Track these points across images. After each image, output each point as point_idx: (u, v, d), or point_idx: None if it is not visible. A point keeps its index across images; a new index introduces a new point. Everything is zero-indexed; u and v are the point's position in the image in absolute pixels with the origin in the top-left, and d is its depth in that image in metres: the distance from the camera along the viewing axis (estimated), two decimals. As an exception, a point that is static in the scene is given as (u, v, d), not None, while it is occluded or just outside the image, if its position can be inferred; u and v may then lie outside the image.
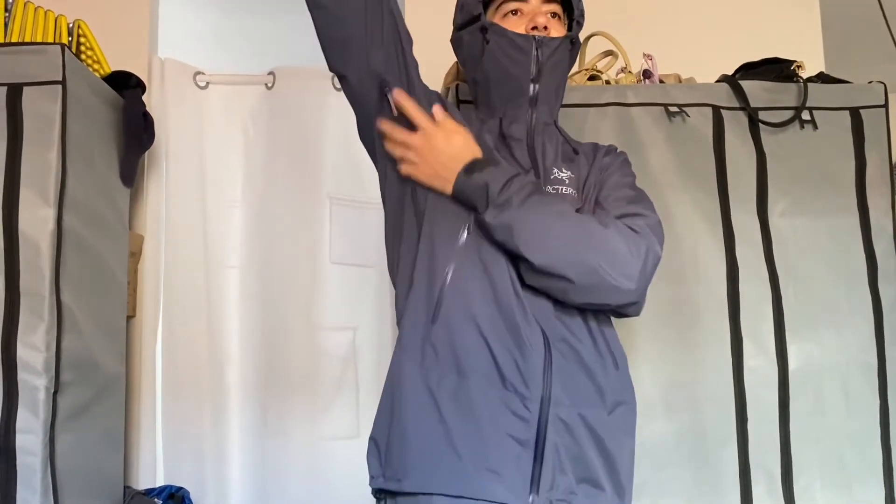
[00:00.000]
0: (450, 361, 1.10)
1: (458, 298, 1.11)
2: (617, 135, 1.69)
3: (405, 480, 1.08)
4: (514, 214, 1.10)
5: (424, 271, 1.15)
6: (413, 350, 1.12)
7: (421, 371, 1.11)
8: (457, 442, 1.07)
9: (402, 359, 1.13)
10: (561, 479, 1.09)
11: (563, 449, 1.09)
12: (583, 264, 1.09)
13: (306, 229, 2.05)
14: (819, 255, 1.70)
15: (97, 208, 1.63)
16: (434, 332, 1.11)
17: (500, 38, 1.21)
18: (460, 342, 1.10)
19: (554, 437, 1.08)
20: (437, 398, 1.09)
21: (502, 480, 1.06)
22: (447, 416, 1.08)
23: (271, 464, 1.97)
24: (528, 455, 1.07)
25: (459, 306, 1.11)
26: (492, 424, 1.07)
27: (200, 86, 2.10)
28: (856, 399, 1.65)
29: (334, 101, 2.09)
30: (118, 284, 1.75)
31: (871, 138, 1.75)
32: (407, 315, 1.15)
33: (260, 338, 2.03)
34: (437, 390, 1.09)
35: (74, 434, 1.49)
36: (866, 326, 1.68)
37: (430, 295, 1.13)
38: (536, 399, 1.08)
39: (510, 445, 1.07)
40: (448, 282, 1.12)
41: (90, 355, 1.56)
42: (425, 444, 1.08)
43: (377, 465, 1.13)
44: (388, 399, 1.14)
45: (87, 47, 1.70)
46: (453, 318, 1.11)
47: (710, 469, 1.60)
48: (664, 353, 1.63)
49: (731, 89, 1.75)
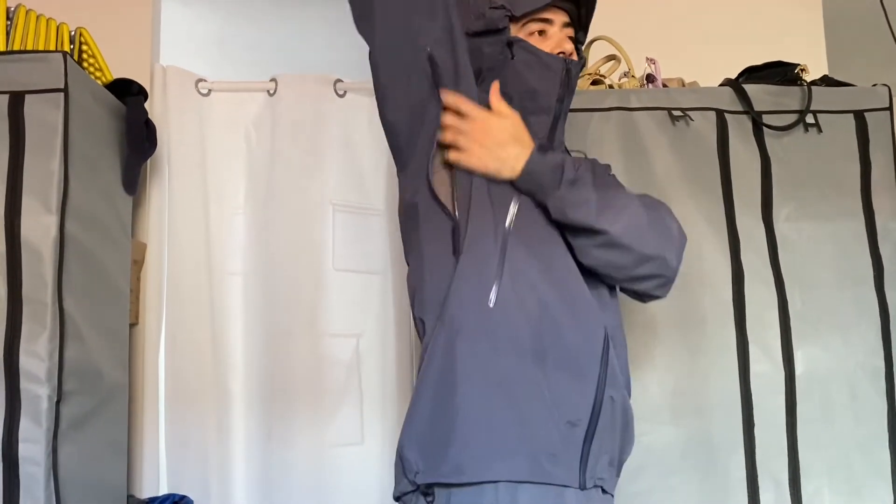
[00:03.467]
0: (508, 345, 1.09)
1: (517, 282, 1.11)
2: (620, 139, 1.69)
3: (468, 470, 1.06)
4: (591, 190, 1.14)
5: (476, 254, 1.13)
6: (468, 333, 1.10)
7: (478, 355, 1.09)
8: (515, 427, 1.07)
9: (454, 343, 1.10)
10: (602, 459, 1.12)
11: (607, 428, 1.12)
12: (650, 239, 1.16)
13: (309, 236, 2.04)
14: (825, 260, 1.69)
15: (100, 216, 1.62)
16: (492, 316, 1.10)
17: (530, 55, 1.21)
18: (519, 326, 1.10)
19: (604, 418, 1.11)
20: (498, 383, 1.08)
21: (559, 463, 1.07)
22: (511, 401, 1.08)
23: (275, 471, 1.95)
24: (580, 436, 1.09)
25: (519, 290, 1.11)
26: (554, 408, 1.08)
27: (202, 93, 2.09)
28: (863, 403, 1.65)
29: (337, 108, 2.08)
30: (121, 292, 1.74)
31: (876, 141, 1.75)
32: (457, 298, 1.11)
33: (263, 345, 2.02)
34: (499, 372, 1.08)
35: (77, 443, 1.48)
36: (873, 330, 1.68)
37: (485, 277, 1.11)
38: (594, 382, 1.11)
39: (564, 428, 1.08)
40: (504, 267, 1.11)
41: (93, 364, 1.56)
42: (488, 431, 1.07)
43: (420, 459, 1.09)
44: (434, 386, 1.10)
45: (88, 55, 1.70)
46: (512, 301, 1.10)
47: (717, 476, 1.59)
48: (670, 359, 1.63)
49: (734, 93, 1.75)
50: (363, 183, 2.08)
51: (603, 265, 1.17)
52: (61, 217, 1.45)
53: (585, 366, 1.11)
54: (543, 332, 1.10)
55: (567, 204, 1.13)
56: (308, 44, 2.35)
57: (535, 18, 1.23)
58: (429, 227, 1.19)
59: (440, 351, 1.11)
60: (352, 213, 2.08)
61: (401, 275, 2.08)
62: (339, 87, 2.10)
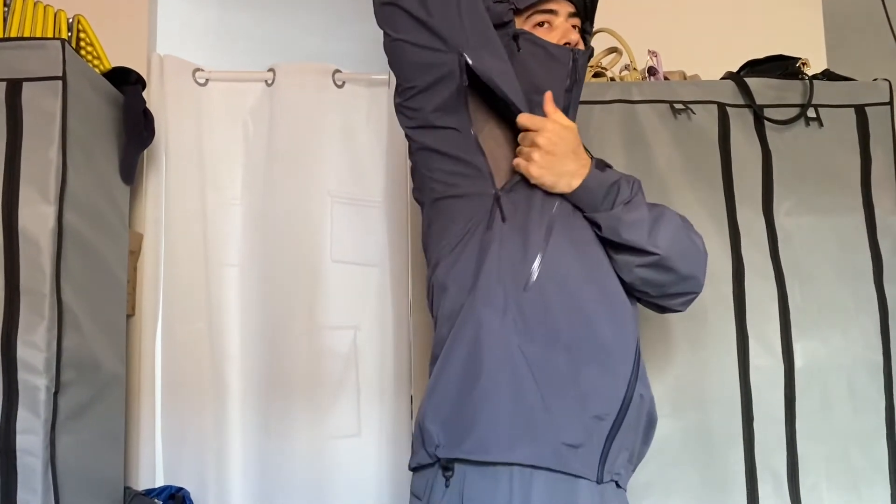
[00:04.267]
0: (541, 331, 1.09)
1: (557, 270, 1.11)
2: (622, 132, 1.69)
3: (493, 449, 1.05)
4: (645, 211, 1.15)
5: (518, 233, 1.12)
6: (499, 308, 1.09)
7: (508, 331, 1.08)
8: (540, 414, 1.06)
9: (483, 314, 1.08)
10: (622, 455, 1.12)
11: (631, 428, 1.13)
12: (689, 259, 1.19)
13: (307, 227, 2.03)
14: (825, 254, 1.69)
15: (98, 206, 1.61)
16: (527, 298, 1.09)
17: (536, 47, 1.21)
18: (555, 314, 1.10)
19: (630, 415, 1.11)
20: (528, 368, 1.07)
21: (578, 453, 1.07)
22: (533, 387, 1.07)
23: (272, 463, 1.95)
24: (604, 430, 1.09)
25: (557, 278, 1.11)
26: (580, 399, 1.08)
27: (200, 82, 2.07)
28: (862, 398, 1.65)
29: (335, 98, 2.07)
30: (118, 283, 1.73)
31: (877, 136, 1.75)
32: (492, 273, 1.10)
33: (261, 337, 2.01)
34: (530, 356, 1.08)
35: (75, 434, 1.47)
36: (872, 325, 1.68)
37: (526, 257, 1.11)
38: (625, 379, 1.11)
39: (589, 420, 1.08)
40: (547, 251, 1.11)
41: (91, 354, 1.54)
42: (514, 414, 1.06)
43: (442, 433, 1.08)
44: (462, 362, 1.09)
45: (86, 43, 1.68)
46: (549, 288, 1.10)
47: (716, 469, 1.59)
48: (670, 353, 1.63)
49: (736, 86, 1.74)
50: (361, 174, 2.07)
51: (643, 283, 1.18)
52: (59, 207, 1.43)
53: (618, 363, 1.11)
54: (578, 324, 1.10)
55: (622, 224, 1.14)
56: (306, 33, 2.33)
57: (539, 10, 1.23)
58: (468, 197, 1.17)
59: (470, 325, 1.10)
60: (350, 204, 2.07)
61: (399, 267, 2.07)
62: (337, 78, 2.08)
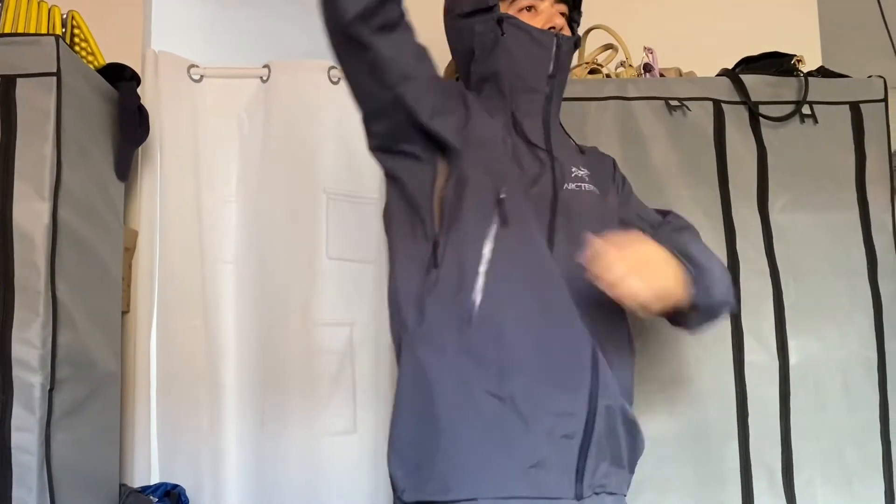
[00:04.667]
0: (490, 361, 1.06)
1: (497, 297, 1.08)
2: (618, 128, 1.69)
3: (451, 489, 1.03)
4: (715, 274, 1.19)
5: (453, 266, 1.10)
6: (445, 349, 1.07)
7: (457, 371, 1.06)
8: (502, 444, 1.04)
9: (431, 360, 1.07)
10: (601, 466, 1.10)
11: (605, 436, 1.10)
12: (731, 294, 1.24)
13: (302, 224, 2.03)
14: (819, 250, 1.70)
15: (92, 202, 1.60)
16: (472, 332, 1.07)
17: (520, 32, 1.20)
18: (504, 341, 1.07)
19: (599, 427, 1.08)
20: (479, 399, 1.05)
21: (550, 476, 1.05)
22: (490, 419, 1.05)
23: (268, 460, 1.95)
24: (574, 448, 1.07)
25: (500, 305, 1.07)
26: (540, 421, 1.05)
27: (195, 79, 2.07)
28: (856, 394, 1.66)
29: (331, 95, 2.06)
30: (113, 280, 1.73)
31: (871, 133, 1.76)
32: (432, 313, 1.09)
33: (256, 333, 2.00)
34: (479, 391, 1.05)
35: (70, 432, 1.47)
36: (866, 321, 1.69)
37: (463, 291, 1.08)
38: (585, 392, 1.07)
39: (557, 441, 1.06)
40: (484, 279, 1.08)
41: (86, 352, 1.54)
42: (471, 449, 1.04)
43: (406, 478, 1.08)
44: (415, 403, 1.08)
45: (81, 38, 1.67)
46: (493, 315, 1.07)
47: (711, 465, 1.60)
48: (665, 350, 1.63)
49: (731, 83, 1.75)
50: (357, 171, 2.06)
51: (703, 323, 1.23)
52: (54, 203, 1.43)
53: (574, 378, 1.08)
54: (527, 348, 1.07)
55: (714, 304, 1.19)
56: (302, 30, 2.31)
57: None
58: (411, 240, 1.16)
59: (417, 371, 1.08)
60: (346, 201, 2.07)
61: (395, 264, 2.07)
62: (333, 74, 2.07)
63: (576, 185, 1.21)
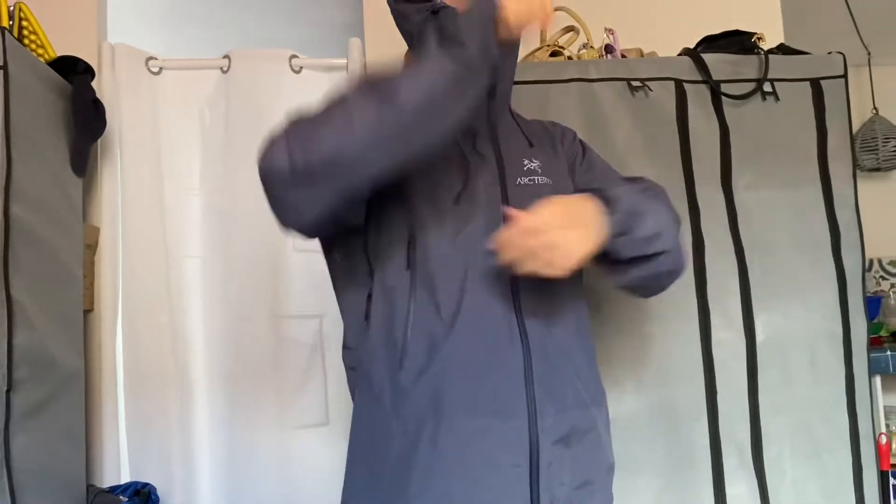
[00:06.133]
0: (424, 403, 1.04)
1: (423, 335, 1.05)
2: (580, 111, 1.68)
3: None
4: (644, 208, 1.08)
5: (380, 312, 1.08)
6: (383, 398, 1.06)
7: (400, 421, 1.04)
8: (448, 486, 1.02)
9: (373, 413, 1.06)
10: (559, 491, 1.06)
11: (557, 461, 1.06)
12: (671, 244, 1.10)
13: (267, 216, 1.95)
14: (783, 227, 1.71)
15: (48, 199, 1.57)
16: (402, 377, 1.05)
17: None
18: (432, 380, 1.04)
19: (547, 453, 1.04)
20: (420, 446, 1.03)
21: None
22: (433, 463, 1.02)
23: (240, 455, 1.93)
24: (524, 476, 1.03)
25: (425, 343, 1.05)
26: (481, 455, 1.02)
27: (153, 71, 2.03)
28: (822, 368, 1.67)
29: (293, 84, 2.04)
30: (73, 277, 1.69)
31: (832, 108, 1.76)
32: (368, 361, 1.09)
33: (224, 328, 1.98)
34: (420, 438, 1.03)
35: (31, 433, 1.44)
36: (831, 296, 1.70)
37: (392, 338, 1.06)
38: (524, 419, 1.04)
39: (505, 472, 1.03)
40: (410, 321, 1.05)
41: (45, 351, 1.51)
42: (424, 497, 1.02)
43: None
44: (362, 455, 1.08)
45: (30, 31, 1.63)
46: (421, 357, 1.04)
47: (681, 444, 1.60)
48: (632, 329, 1.63)
49: (692, 63, 1.74)
50: (322, 161, 2.04)
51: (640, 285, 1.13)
52: (6, 200, 1.40)
53: (510, 403, 1.04)
54: (460, 382, 1.04)
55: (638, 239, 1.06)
56: (262, 20, 2.29)
57: None
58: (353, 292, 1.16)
59: (366, 418, 1.08)
60: (311, 191, 2.04)
61: (363, 253, 2.05)
62: (294, 63, 2.05)
63: (528, 178, 1.17)
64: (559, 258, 0.97)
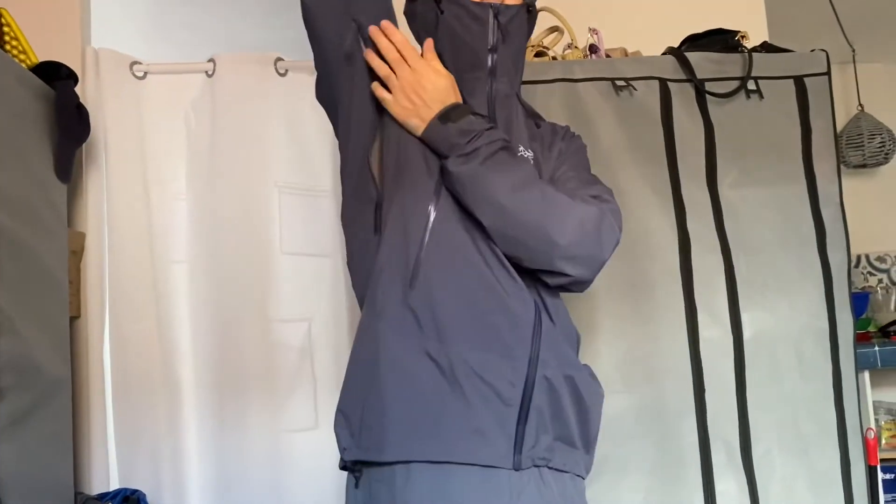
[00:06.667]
0: (431, 325, 1.07)
1: (439, 261, 1.08)
2: (565, 111, 1.69)
3: (386, 449, 1.04)
4: (475, 168, 1.08)
5: (398, 231, 1.11)
6: (390, 315, 1.09)
7: (400, 337, 1.07)
8: (439, 407, 1.04)
9: (377, 326, 1.09)
10: (543, 438, 1.08)
11: (546, 408, 1.09)
12: (541, 232, 1.07)
13: (255, 220, 2.00)
14: (768, 224, 1.72)
15: (31, 205, 1.56)
16: (413, 297, 1.08)
17: (456, 7, 1.18)
18: (443, 307, 1.07)
19: (539, 398, 1.07)
20: (418, 364, 1.06)
21: (487, 442, 1.04)
22: (429, 382, 1.05)
23: (229, 460, 1.92)
24: (512, 415, 1.06)
25: (441, 269, 1.08)
26: (476, 387, 1.05)
27: (138, 76, 2.02)
28: (809, 364, 1.68)
29: (278, 87, 2.03)
30: (58, 284, 1.68)
31: (816, 106, 1.77)
32: (379, 278, 1.11)
33: (212, 333, 1.97)
34: (419, 353, 1.06)
35: (17, 442, 1.43)
36: (816, 292, 1.71)
37: (407, 257, 1.09)
38: (524, 361, 1.07)
39: (495, 407, 1.05)
40: (426, 243, 1.09)
41: (30, 358, 1.50)
42: (405, 411, 1.05)
43: (348, 437, 1.09)
44: (361, 367, 1.10)
45: (11, 37, 1.62)
46: (434, 281, 1.08)
47: (670, 442, 1.61)
48: (620, 328, 1.64)
49: (677, 61, 1.75)
50: (309, 163, 2.04)
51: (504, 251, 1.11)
52: (-12, 207, 1.38)
53: (513, 346, 1.07)
54: (466, 314, 1.07)
55: (453, 176, 1.09)
56: (247, 23, 2.28)
57: None
58: (356, 202, 1.17)
59: (366, 333, 1.11)
60: (298, 194, 2.04)
61: (351, 256, 2.05)
62: (280, 66, 2.04)
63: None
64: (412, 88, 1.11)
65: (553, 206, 1.09)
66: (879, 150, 3.34)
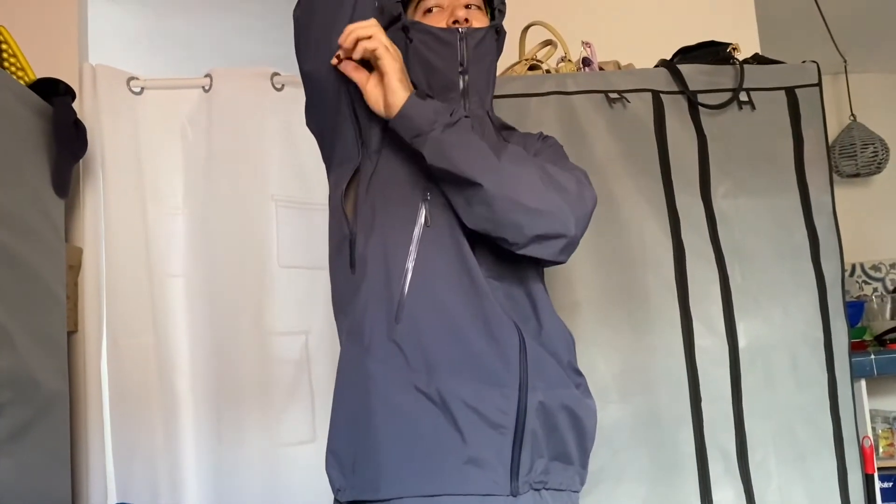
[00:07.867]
0: (419, 359, 1.06)
1: (423, 292, 1.08)
2: (559, 124, 1.70)
3: (381, 487, 1.03)
4: (466, 135, 1.09)
5: (380, 264, 1.11)
6: (377, 351, 1.08)
7: (388, 373, 1.06)
8: (432, 440, 1.04)
9: (365, 362, 1.08)
10: (538, 462, 1.08)
11: (541, 430, 1.09)
12: (535, 191, 1.08)
13: (252, 233, 2.01)
14: (762, 234, 1.73)
15: (29, 221, 1.57)
16: (398, 332, 1.07)
17: (423, 34, 1.20)
18: (429, 338, 1.07)
19: (532, 422, 1.07)
20: (409, 399, 1.05)
21: (483, 471, 1.04)
22: (421, 416, 1.05)
23: (227, 474, 1.92)
24: (507, 442, 1.06)
25: (425, 300, 1.08)
26: (468, 418, 1.05)
27: (135, 91, 2.04)
28: (804, 373, 1.68)
29: (275, 102, 2.05)
30: (56, 299, 1.69)
31: (807, 117, 1.79)
32: (363, 313, 1.10)
33: (210, 347, 1.98)
34: (409, 391, 1.05)
35: (15, 456, 1.43)
36: (811, 301, 1.71)
37: (390, 290, 1.09)
38: (514, 387, 1.07)
39: (489, 435, 1.05)
40: (410, 276, 1.08)
41: (28, 373, 1.50)
42: (398, 447, 1.04)
43: (341, 478, 1.09)
44: (350, 405, 1.09)
45: (9, 54, 1.64)
46: (420, 313, 1.07)
47: (667, 451, 1.61)
48: (615, 338, 1.64)
49: (669, 74, 1.77)
50: (305, 177, 2.05)
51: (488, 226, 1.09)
52: (-14, 223, 1.39)
53: (501, 374, 1.07)
54: (453, 345, 1.07)
55: (441, 145, 1.08)
56: (244, 38, 2.30)
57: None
58: (334, 234, 1.18)
59: (353, 369, 1.10)
60: (294, 208, 2.05)
61: (348, 269, 2.05)
62: (276, 81, 2.06)
63: None
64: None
65: (542, 166, 1.12)
66: (872, 160, 3.37)
